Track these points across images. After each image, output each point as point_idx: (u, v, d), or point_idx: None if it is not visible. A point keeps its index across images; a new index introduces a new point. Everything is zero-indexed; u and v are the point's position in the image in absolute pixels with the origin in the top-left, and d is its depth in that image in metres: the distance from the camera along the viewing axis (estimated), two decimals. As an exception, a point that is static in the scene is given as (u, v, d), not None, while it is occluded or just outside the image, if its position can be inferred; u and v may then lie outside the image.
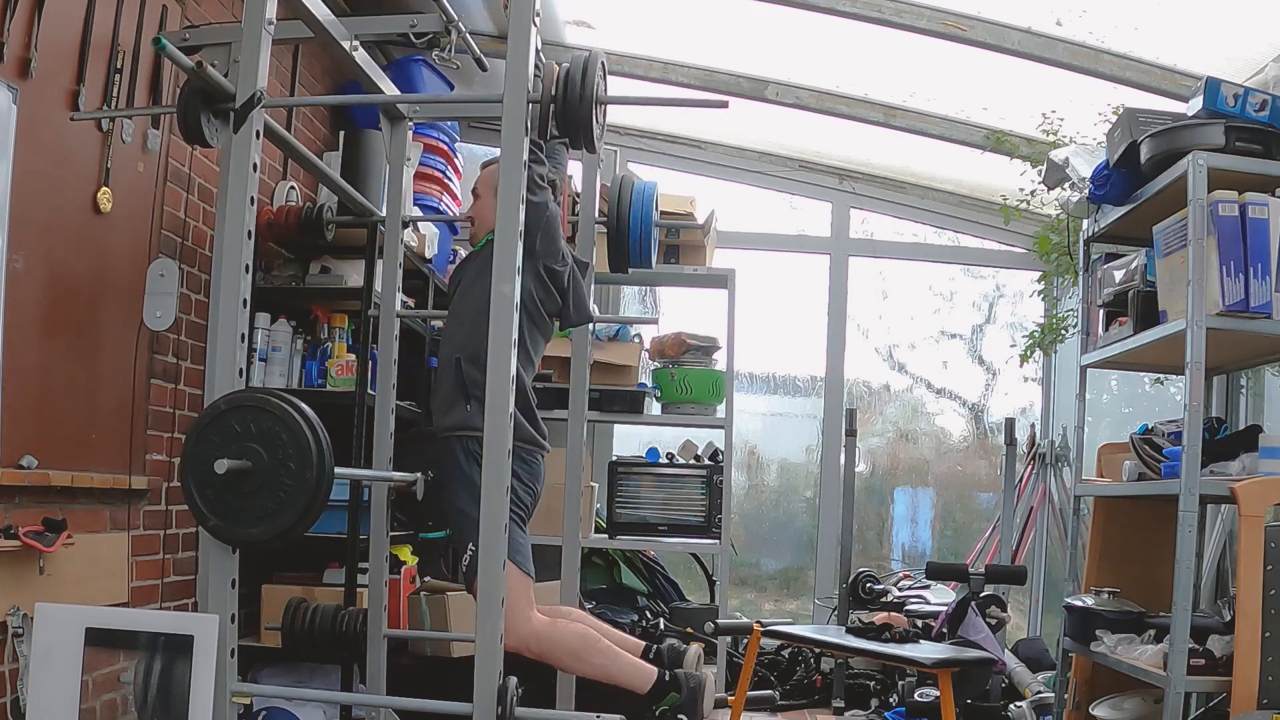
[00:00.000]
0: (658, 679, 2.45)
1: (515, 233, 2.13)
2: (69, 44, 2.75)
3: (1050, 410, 5.40)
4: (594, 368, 3.92)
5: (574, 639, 2.50)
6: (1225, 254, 2.81)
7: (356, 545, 3.36)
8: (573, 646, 2.48)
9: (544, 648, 2.51)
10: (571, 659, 2.51)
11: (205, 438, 2.05)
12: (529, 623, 2.51)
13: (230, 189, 2.15)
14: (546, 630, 2.52)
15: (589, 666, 2.49)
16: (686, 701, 2.42)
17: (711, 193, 5.15)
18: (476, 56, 2.70)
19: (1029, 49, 3.90)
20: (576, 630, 2.55)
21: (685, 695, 2.43)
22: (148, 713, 2.08)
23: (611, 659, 2.52)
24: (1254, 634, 2.63)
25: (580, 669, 2.49)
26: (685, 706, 2.42)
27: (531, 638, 2.49)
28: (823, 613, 5.09)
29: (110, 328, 2.98)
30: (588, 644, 2.50)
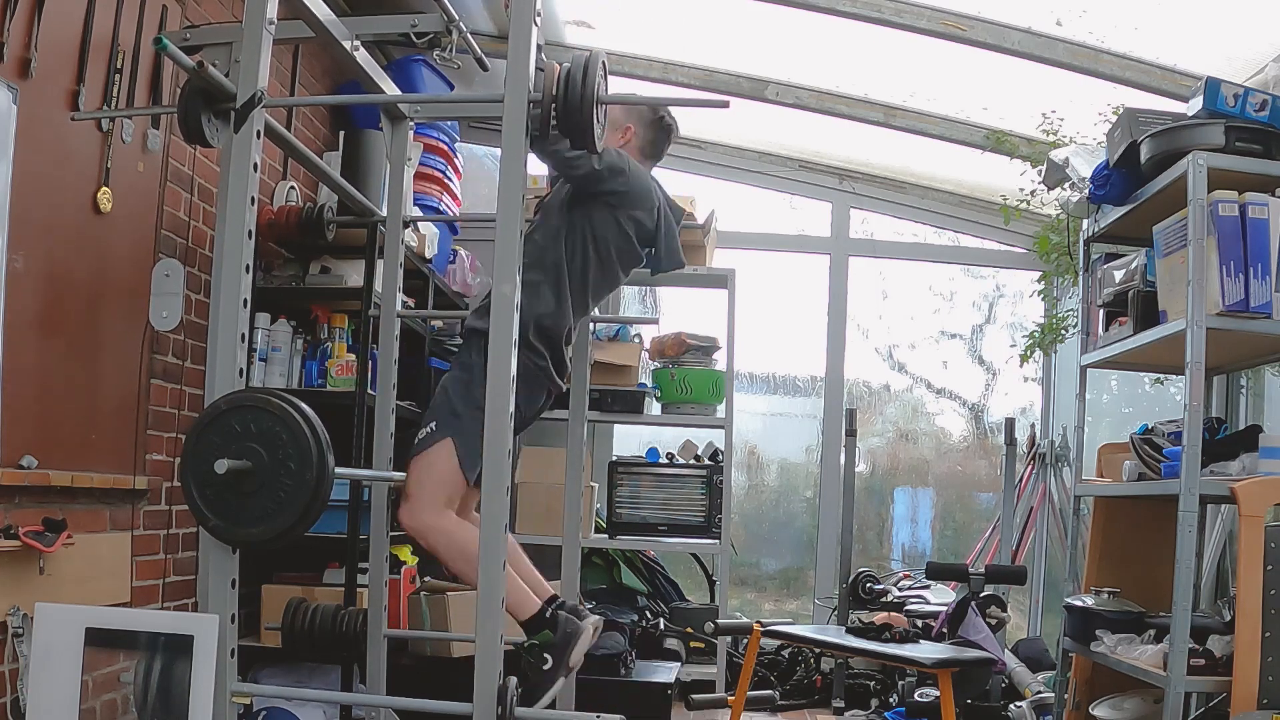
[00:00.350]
0: (538, 612, 2.43)
1: (515, 232, 2.13)
2: (69, 44, 2.75)
3: (1050, 410, 5.41)
4: (594, 368, 3.92)
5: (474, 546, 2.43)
6: (1225, 254, 2.81)
7: (356, 545, 3.36)
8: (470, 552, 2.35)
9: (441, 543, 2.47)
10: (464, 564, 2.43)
11: (205, 438, 2.05)
12: (439, 514, 2.46)
13: (230, 189, 2.14)
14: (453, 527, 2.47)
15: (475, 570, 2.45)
16: (558, 642, 2.40)
17: (711, 193, 5.15)
18: (477, 56, 2.70)
19: (1029, 49, 3.90)
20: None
21: (558, 636, 2.41)
22: (148, 713, 2.08)
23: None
24: (1254, 634, 2.63)
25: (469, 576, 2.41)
26: (555, 647, 2.39)
27: (435, 529, 2.45)
28: (823, 613, 5.09)
29: (110, 328, 2.98)
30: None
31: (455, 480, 2.50)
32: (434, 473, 2.50)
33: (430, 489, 2.48)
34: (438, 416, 2.54)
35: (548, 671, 2.36)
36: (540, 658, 2.40)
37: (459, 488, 2.52)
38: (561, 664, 2.39)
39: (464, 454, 2.48)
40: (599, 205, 2.67)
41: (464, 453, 2.48)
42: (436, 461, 2.50)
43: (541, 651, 2.39)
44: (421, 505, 2.47)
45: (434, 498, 2.48)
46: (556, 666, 2.38)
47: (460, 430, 2.49)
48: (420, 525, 2.48)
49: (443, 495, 2.49)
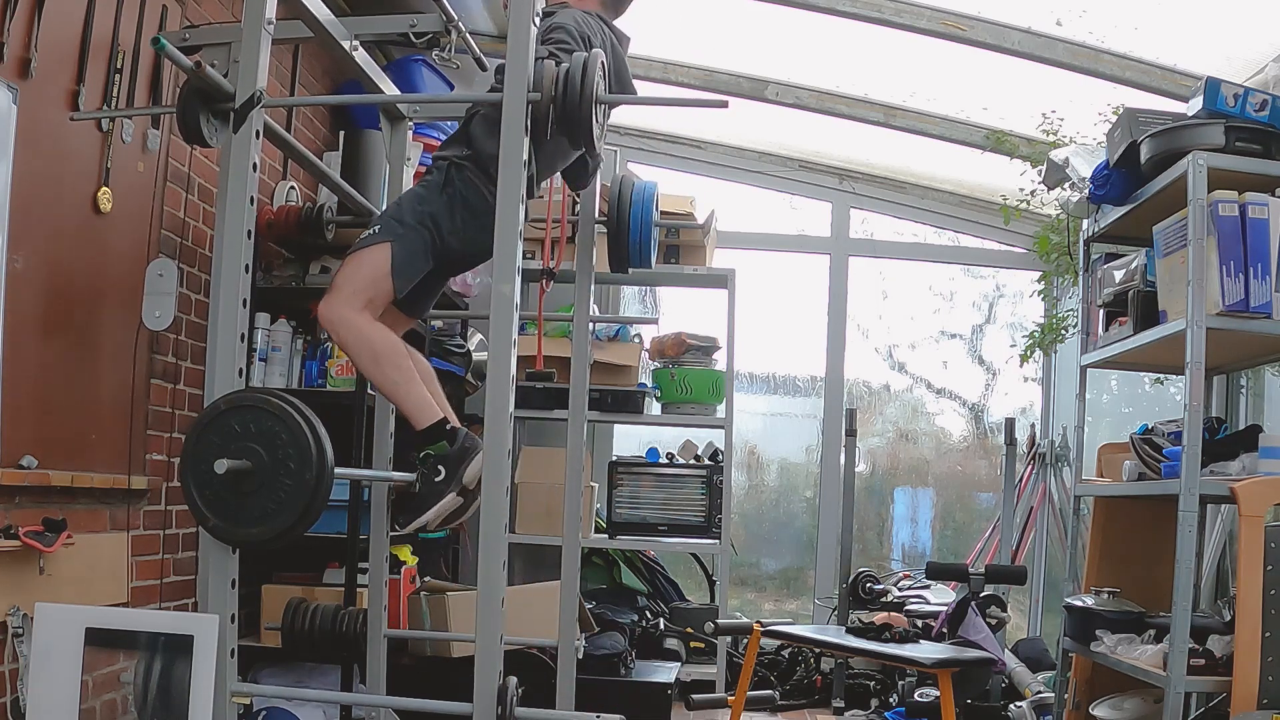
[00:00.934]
0: (438, 423, 2.38)
1: (515, 232, 2.13)
2: (69, 44, 2.75)
3: (1050, 410, 5.41)
4: (594, 368, 3.91)
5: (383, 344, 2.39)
6: (1225, 254, 2.81)
7: (356, 545, 3.36)
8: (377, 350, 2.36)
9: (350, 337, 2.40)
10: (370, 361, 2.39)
11: (205, 438, 2.04)
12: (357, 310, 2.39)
13: (230, 189, 2.14)
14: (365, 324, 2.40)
15: (381, 375, 2.39)
16: (454, 455, 2.34)
17: (711, 193, 5.15)
18: (476, 56, 2.70)
19: (1029, 49, 3.90)
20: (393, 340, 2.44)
21: (454, 450, 2.35)
22: (148, 713, 2.08)
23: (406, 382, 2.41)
24: (1254, 634, 2.63)
25: (373, 374, 2.39)
26: (450, 459, 2.34)
27: (347, 323, 2.38)
28: (823, 613, 5.09)
29: (110, 328, 2.98)
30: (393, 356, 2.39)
31: (383, 285, 2.42)
32: (364, 271, 2.42)
33: (356, 285, 2.41)
34: (383, 222, 2.48)
35: (438, 483, 2.32)
36: (434, 469, 2.35)
37: (385, 294, 2.44)
38: (454, 478, 2.33)
39: (398, 262, 2.42)
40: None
41: (399, 260, 2.42)
42: (369, 261, 2.43)
43: (435, 463, 2.36)
44: (342, 298, 2.40)
45: (357, 294, 2.40)
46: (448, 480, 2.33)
47: (402, 237, 2.43)
48: (335, 315, 2.39)
49: (366, 294, 2.41)
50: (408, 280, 2.44)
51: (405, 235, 2.43)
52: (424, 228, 2.44)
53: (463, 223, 2.45)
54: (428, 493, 2.35)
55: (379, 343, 2.39)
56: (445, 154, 2.54)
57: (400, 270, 2.42)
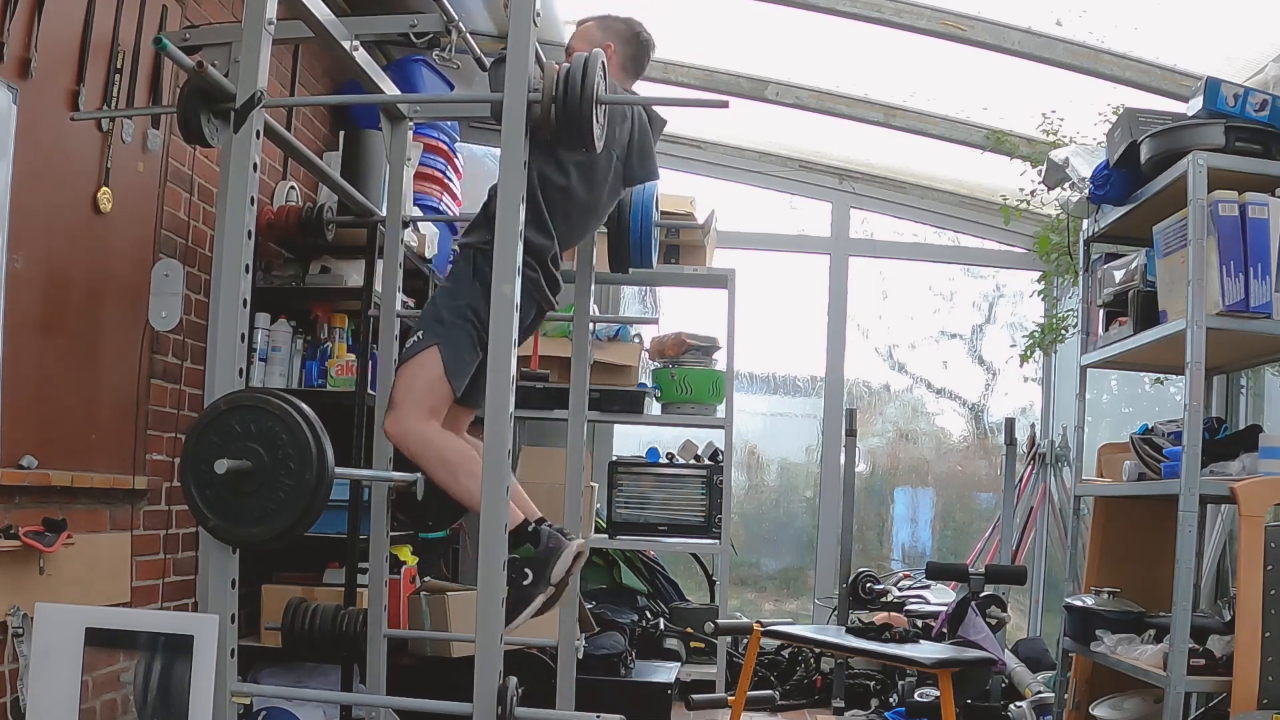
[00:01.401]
0: (520, 525, 2.40)
1: (516, 232, 2.13)
2: (69, 44, 2.75)
3: (1050, 410, 5.41)
4: (594, 368, 3.91)
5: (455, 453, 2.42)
6: (1225, 254, 2.81)
7: (356, 545, 3.36)
8: (450, 459, 2.39)
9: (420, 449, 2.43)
10: (445, 470, 2.41)
11: (205, 438, 2.05)
12: (422, 420, 2.43)
13: (230, 189, 2.14)
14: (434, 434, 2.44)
15: (459, 486, 2.40)
16: (539, 556, 2.36)
17: (711, 193, 5.15)
18: (477, 56, 2.70)
19: (1029, 49, 3.90)
20: (462, 447, 2.47)
21: (540, 550, 2.37)
22: (148, 713, 2.08)
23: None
24: (1254, 634, 2.63)
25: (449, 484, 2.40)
26: (536, 561, 2.35)
27: (416, 435, 2.42)
28: (823, 613, 5.09)
29: (110, 328, 2.98)
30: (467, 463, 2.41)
31: (441, 389, 2.45)
32: (419, 380, 2.45)
33: (415, 396, 2.44)
34: (425, 325, 2.50)
35: (527, 587, 2.32)
36: (520, 572, 2.34)
37: (445, 397, 2.47)
38: (542, 579, 2.34)
39: (449, 361, 2.44)
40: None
41: (450, 360, 2.44)
42: (422, 369, 2.46)
43: (522, 566, 2.36)
44: (406, 412, 2.43)
45: (418, 406, 2.43)
46: (537, 581, 2.33)
47: (446, 338, 2.45)
48: (401, 430, 2.43)
49: (427, 403, 2.45)
50: (462, 378, 2.46)
51: (449, 334, 2.46)
52: (465, 321, 2.45)
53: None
54: (518, 598, 2.33)
55: (451, 454, 2.41)
56: (470, 241, 2.55)
57: (453, 370, 2.45)
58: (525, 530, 2.38)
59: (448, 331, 2.46)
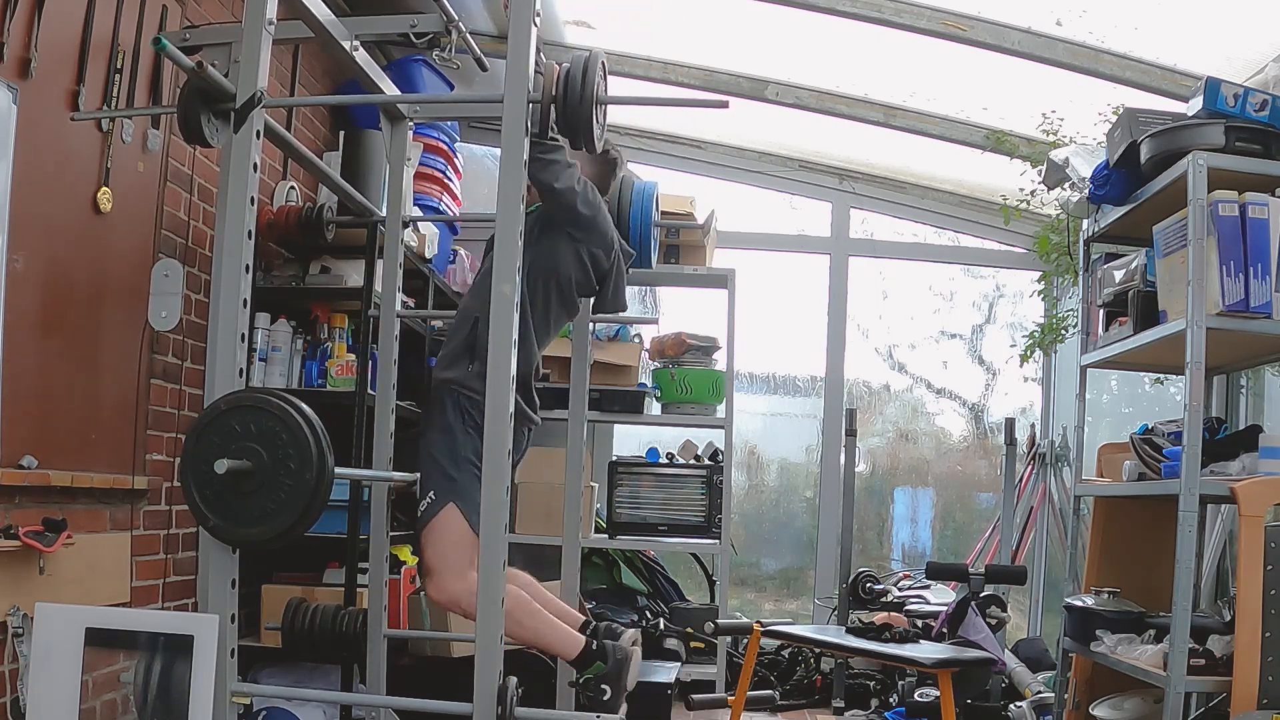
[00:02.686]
0: (585, 646, 2.47)
1: (516, 232, 2.13)
2: (69, 44, 2.75)
3: (1050, 410, 5.41)
4: (594, 368, 3.92)
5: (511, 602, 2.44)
6: (1225, 254, 2.81)
7: (356, 545, 3.36)
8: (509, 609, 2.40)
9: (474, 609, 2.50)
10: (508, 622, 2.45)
11: (205, 438, 2.05)
12: (465, 579, 2.48)
13: (230, 189, 2.15)
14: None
15: (522, 631, 2.48)
16: (611, 671, 2.43)
17: (711, 193, 5.15)
18: (477, 56, 2.70)
19: (1029, 49, 3.90)
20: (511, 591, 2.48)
21: (610, 665, 2.44)
22: (148, 713, 2.08)
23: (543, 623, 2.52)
24: (1254, 634, 2.63)
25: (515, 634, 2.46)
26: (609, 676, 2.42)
27: (465, 595, 2.46)
28: (823, 613, 5.09)
29: (110, 328, 2.98)
30: (521, 606, 2.48)
31: (469, 540, 2.50)
32: (448, 540, 2.52)
33: (449, 559, 2.51)
34: (434, 485, 2.55)
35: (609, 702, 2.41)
36: (598, 690, 2.44)
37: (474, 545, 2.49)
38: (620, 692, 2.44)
39: (469, 512, 2.50)
40: (563, 237, 2.68)
41: (469, 511, 2.50)
42: (447, 528, 2.52)
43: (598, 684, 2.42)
44: (448, 578, 2.50)
45: (456, 564, 2.50)
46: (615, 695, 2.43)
47: (459, 492, 2.52)
48: (451, 595, 2.50)
49: (465, 560, 2.51)
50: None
51: (460, 486, 2.51)
52: (471, 466, 2.48)
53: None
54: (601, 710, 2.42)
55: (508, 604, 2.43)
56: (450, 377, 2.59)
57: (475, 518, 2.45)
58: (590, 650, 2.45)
59: (459, 485, 2.51)
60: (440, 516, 2.52)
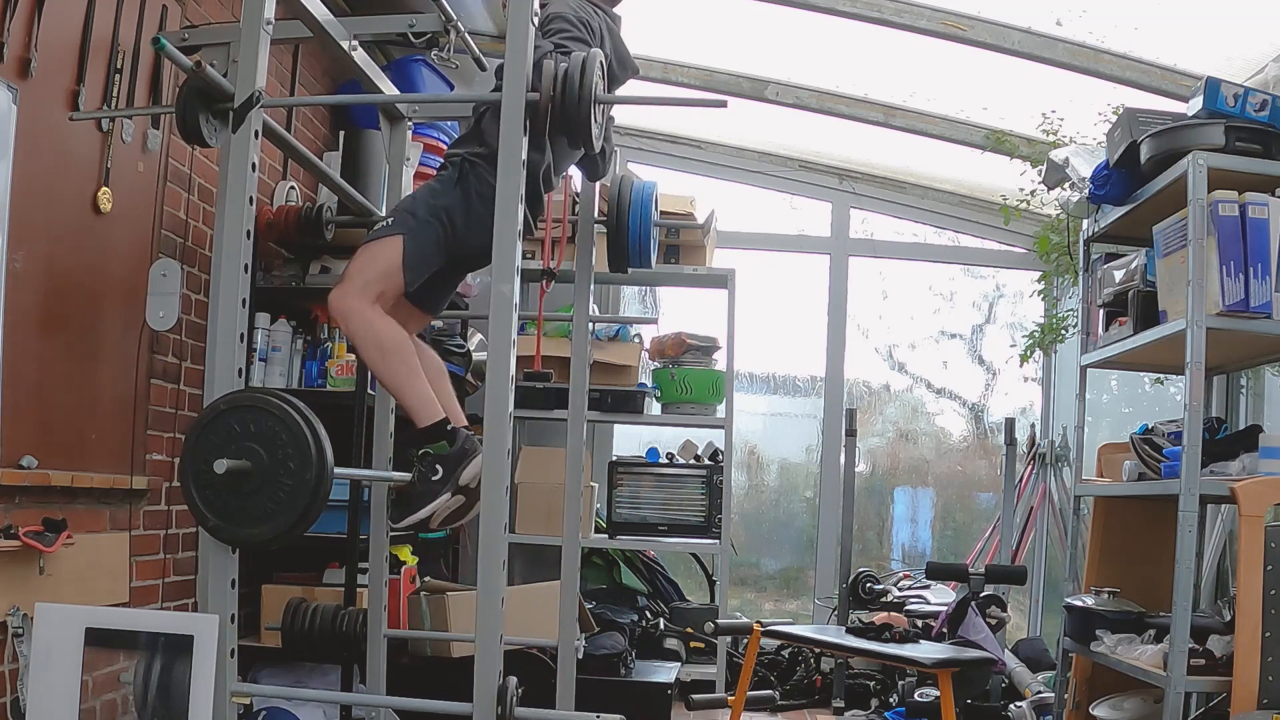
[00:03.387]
0: (439, 422, 2.39)
1: (515, 232, 2.13)
2: (69, 44, 2.75)
3: (1050, 410, 5.41)
4: (594, 368, 3.91)
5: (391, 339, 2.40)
6: (1225, 254, 2.81)
7: (356, 545, 3.36)
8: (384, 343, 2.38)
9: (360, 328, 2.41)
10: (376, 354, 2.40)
11: (205, 438, 2.04)
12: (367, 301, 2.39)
13: (230, 189, 2.14)
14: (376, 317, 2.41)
15: (387, 369, 2.39)
16: (453, 455, 2.36)
17: (711, 193, 5.15)
18: (476, 56, 2.70)
19: (1029, 49, 3.90)
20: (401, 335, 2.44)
21: (454, 450, 2.36)
22: (148, 713, 2.08)
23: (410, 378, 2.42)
24: (1254, 634, 2.63)
25: (378, 367, 2.40)
26: (449, 459, 2.35)
27: (358, 313, 2.39)
28: (823, 613, 5.09)
29: (110, 328, 2.98)
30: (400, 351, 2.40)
31: (395, 278, 2.43)
32: (376, 263, 2.43)
33: (367, 277, 2.42)
34: (397, 215, 2.50)
35: (435, 482, 2.32)
36: (431, 467, 2.35)
37: (396, 287, 2.45)
38: (451, 479, 2.34)
39: (410, 254, 2.43)
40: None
41: (410, 253, 2.43)
42: (381, 253, 2.43)
43: (434, 462, 2.36)
44: (353, 289, 2.40)
45: (368, 286, 2.41)
46: (445, 479, 2.33)
47: (413, 231, 2.44)
48: (346, 306, 2.40)
49: (377, 286, 2.42)
50: (419, 274, 2.44)
51: (418, 228, 2.44)
52: (437, 221, 2.44)
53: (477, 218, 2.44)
54: (423, 490, 2.35)
55: (386, 337, 2.39)
56: (458, 151, 2.54)
57: (412, 263, 2.43)
58: (443, 429, 2.36)
59: (418, 225, 2.44)
60: (384, 241, 2.44)
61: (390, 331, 2.40)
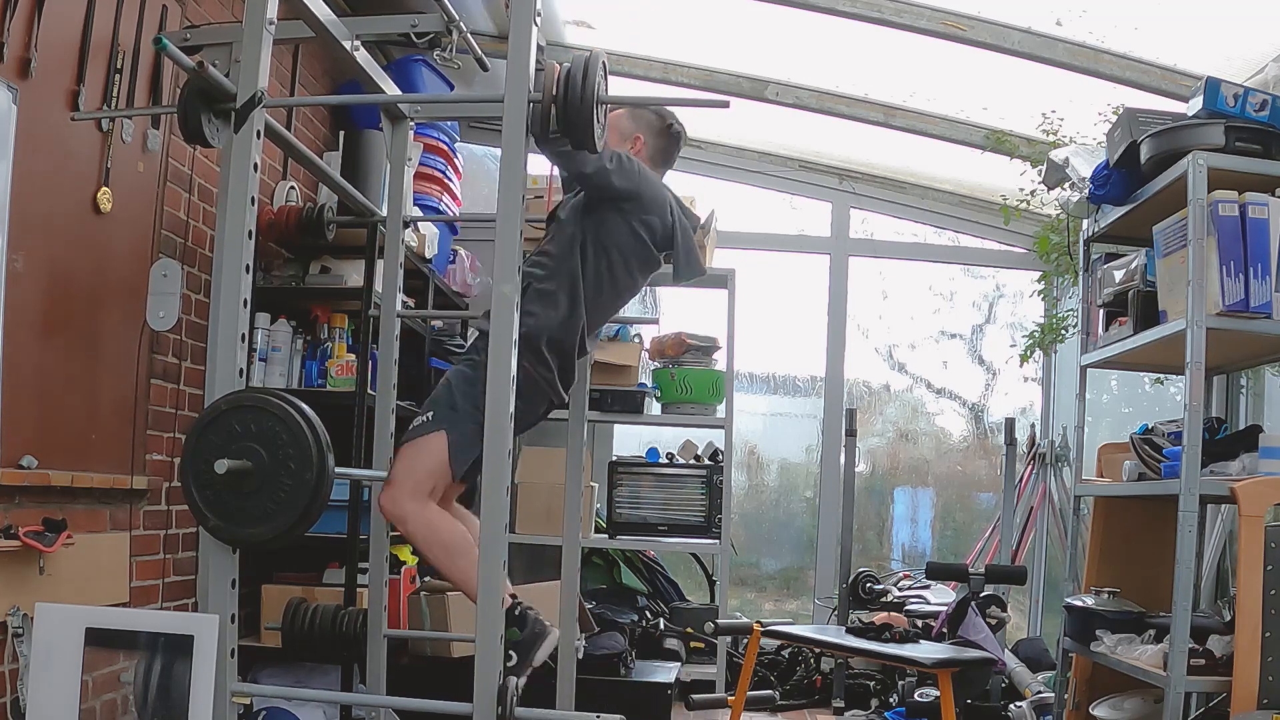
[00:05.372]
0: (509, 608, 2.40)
1: (516, 232, 2.13)
2: (69, 44, 2.75)
3: (1050, 410, 5.41)
4: (594, 368, 3.92)
5: (453, 537, 2.46)
6: (1225, 254, 2.81)
7: (356, 545, 3.36)
8: (449, 543, 2.44)
9: (421, 531, 2.47)
10: (443, 554, 2.46)
11: (205, 437, 2.05)
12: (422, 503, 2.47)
13: (230, 189, 2.14)
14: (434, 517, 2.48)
15: (455, 569, 2.45)
16: (525, 640, 2.37)
17: (711, 193, 5.14)
18: (477, 56, 2.70)
19: (1029, 49, 3.90)
20: (460, 531, 2.50)
21: (525, 635, 2.38)
22: (148, 713, 2.08)
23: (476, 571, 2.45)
24: (1254, 634, 2.63)
25: (446, 568, 2.46)
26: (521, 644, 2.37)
27: (416, 517, 2.46)
28: (823, 613, 5.09)
29: (110, 328, 2.98)
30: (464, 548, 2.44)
31: (443, 472, 2.50)
32: (423, 462, 2.50)
33: (417, 478, 2.49)
34: (436, 408, 2.54)
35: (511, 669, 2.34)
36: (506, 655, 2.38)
37: (445, 480, 2.53)
38: (526, 662, 2.37)
39: (455, 448, 2.49)
40: (611, 210, 2.66)
41: (455, 448, 2.49)
42: (428, 451, 2.50)
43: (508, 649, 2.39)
44: (405, 492, 2.48)
45: (419, 486, 2.48)
46: (521, 664, 2.36)
47: (455, 425, 2.49)
48: (402, 512, 2.48)
49: (428, 485, 2.50)
50: (463, 464, 2.50)
51: (459, 421, 2.49)
52: (478, 411, 2.41)
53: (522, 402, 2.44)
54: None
55: (449, 537, 2.45)
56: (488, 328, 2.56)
57: (457, 455, 2.49)
58: (513, 613, 2.39)
59: (458, 419, 2.49)
60: (428, 438, 2.50)
61: (452, 531, 2.47)
